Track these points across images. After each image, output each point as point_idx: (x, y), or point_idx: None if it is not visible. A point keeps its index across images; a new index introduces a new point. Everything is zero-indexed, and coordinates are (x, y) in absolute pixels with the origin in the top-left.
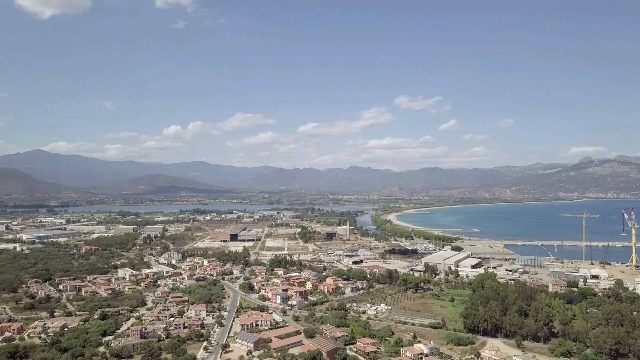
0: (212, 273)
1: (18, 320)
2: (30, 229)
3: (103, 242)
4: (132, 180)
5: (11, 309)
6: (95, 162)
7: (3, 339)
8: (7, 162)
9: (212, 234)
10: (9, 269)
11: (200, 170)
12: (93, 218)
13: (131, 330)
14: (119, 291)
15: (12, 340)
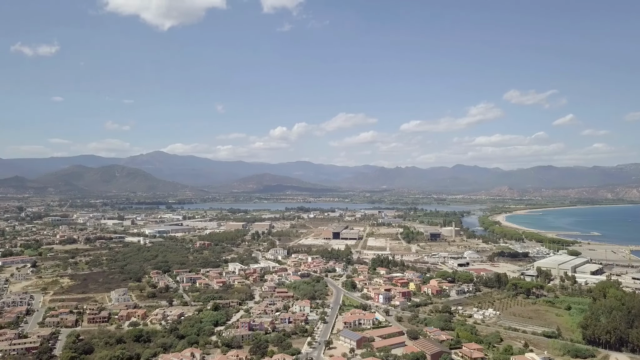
0: (316, 270)
1: (142, 307)
2: (151, 224)
3: (215, 238)
4: (241, 179)
5: (136, 297)
6: (208, 162)
7: (130, 324)
8: (132, 163)
9: (315, 231)
10: (135, 260)
11: (304, 170)
12: (206, 215)
13: (240, 322)
14: (229, 284)
15: (137, 325)
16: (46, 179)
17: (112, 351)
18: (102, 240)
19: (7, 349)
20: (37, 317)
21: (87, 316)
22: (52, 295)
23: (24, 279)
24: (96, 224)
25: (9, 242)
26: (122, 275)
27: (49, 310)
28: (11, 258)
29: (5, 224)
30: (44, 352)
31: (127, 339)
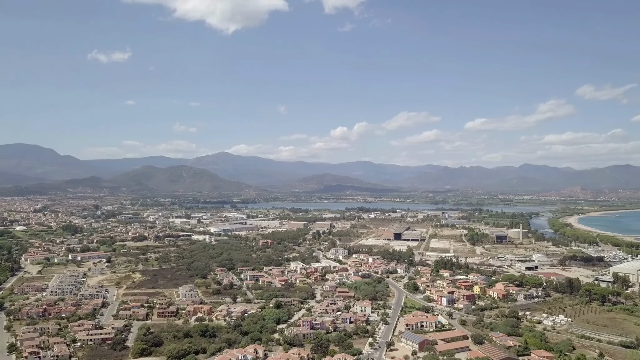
0: (377, 271)
1: (208, 303)
2: (217, 223)
3: (277, 236)
4: (302, 179)
5: (202, 293)
6: (271, 163)
7: (196, 319)
8: (199, 164)
9: (376, 232)
10: (201, 257)
11: (364, 170)
12: (269, 214)
13: (302, 321)
14: (291, 283)
15: (203, 321)
16: (119, 179)
17: (180, 345)
18: (170, 237)
19: (85, 338)
20: (111, 310)
21: (156, 310)
22: (125, 290)
23: (100, 274)
24: (165, 222)
25: (86, 239)
26: (189, 271)
27: (122, 303)
28: (88, 253)
29: (83, 222)
30: (118, 343)
31: (194, 334)
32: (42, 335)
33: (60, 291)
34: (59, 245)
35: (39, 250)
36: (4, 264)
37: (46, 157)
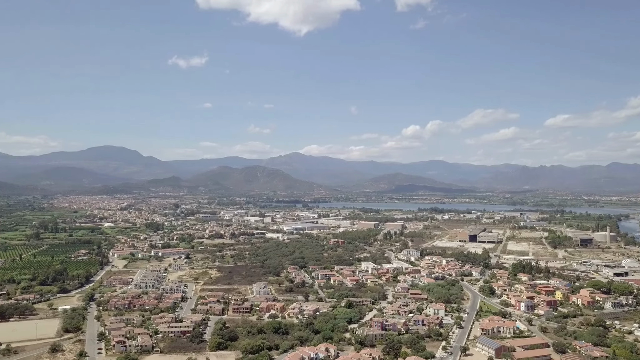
0: (451, 273)
1: (280, 301)
2: (289, 222)
3: (348, 236)
4: (373, 179)
5: (275, 290)
6: (341, 163)
7: (269, 315)
8: (272, 164)
9: (450, 233)
10: (274, 255)
11: (437, 169)
12: (339, 213)
13: (374, 321)
14: (362, 283)
15: (276, 317)
16: (197, 179)
17: (254, 340)
18: (245, 235)
19: (166, 330)
20: (190, 304)
21: (232, 306)
22: (202, 285)
23: (179, 269)
24: (240, 221)
25: (167, 236)
26: (262, 269)
27: (200, 298)
28: (169, 250)
29: (164, 219)
30: (196, 336)
31: (267, 330)
32: (127, 325)
33: (143, 285)
34: (143, 241)
35: (125, 246)
36: (94, 258)
37: (131, 159)
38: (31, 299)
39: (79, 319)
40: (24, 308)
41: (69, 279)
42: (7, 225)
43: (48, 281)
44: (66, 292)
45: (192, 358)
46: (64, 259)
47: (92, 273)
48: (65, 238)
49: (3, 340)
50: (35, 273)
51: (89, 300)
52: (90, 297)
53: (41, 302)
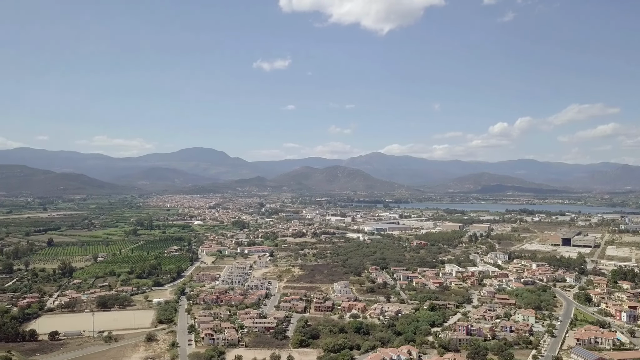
0: (542, 278)
1: (362, 301)
2: (370, 222)
3: (431, 238)
4: (458, 179)
5: (356, 290)
6: (424, 162)
7: (351, 315)
8: (353, 164)
9: (540, 236)
10: (355, 255)
11: (527, 168)
12: (422, 214)
13: (458, 325)
14: (446, 286)
15: (358, 317)
16: (281, 179)
17: (335, 339)
18: (326, 235)
19: (251, 325)
20: (273, 301)
21: (314, 304)
22: (285, 283)
23: (264, 266)
24: (321, 220)
25: (252, 233)
26: (343, 268)
27: (283, 295)
28: (254, 247)
29: (250, 218)
30: (279, 333)
31: (349, 329)
32: (215, 319)
33: (230, 281)
34: (229, 238)
35: (213, 243)
36: (185, 254)
37: (219, 160)
38: (129, 291)
39: (171, 311)
40: (123, 299)
41: (163, 274)
42: (108, 222)
43: (144, 275)
44: (160, 285)
45: (275, 354)
46: (158, 255)
47: (183, 268)
48: (159, 235)
49: (105, 328)
50: (133, 267)
51: (180, 294)
52: (182, 291)
53: (138, 294)
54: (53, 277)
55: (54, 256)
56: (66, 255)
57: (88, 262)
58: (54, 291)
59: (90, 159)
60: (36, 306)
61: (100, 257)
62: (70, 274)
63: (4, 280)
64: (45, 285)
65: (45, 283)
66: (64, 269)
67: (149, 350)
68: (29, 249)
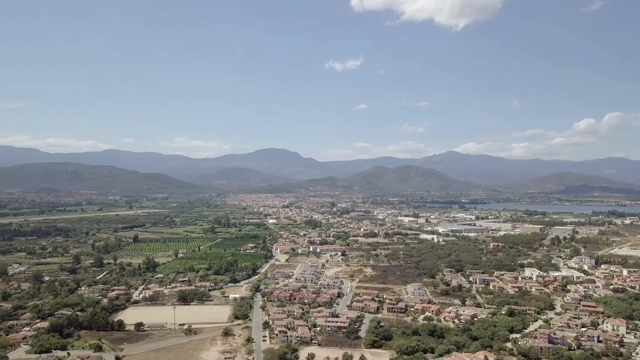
0: (634, 285)
1: (436, 303)
2: (444, 223)
3: (509, 240)
4: (538, 179)
5: (430, 292)
6: (502, 161)
7: (424, 317)
8: (426, 163)
9: (632, 240)
10: (428, 256)
11: (616, 167)
12: (499, 215)
13: (539, 332)
14: (526, 290)
15: (431, 320)
16: (352, 179)
17: (409, 341)
18: (399, 235)
19: (323, 324)
20: (345, 300)
21: (386, 305)
22: (357, 283)
23: (336, 266)
24: (393, 220)
25: (324, 233)
26: (417, 270)
27: (355, 295)
28: (326, 246)
29: (322, 217)
30: (352, 332)
31: (422, 332)
32: (288, 317)
33: (303, 279)
34: (302, 237)
35: (286, 242)
36: (260, 252)
37: (292, 160)
38: (207, 287)
39: (246, 307)
40: (201, 294)
41: (239, 270)
42: (188, 220)
43: (221, 271)
44: (236, 282)
45: (347, 353)
46: (234, 252)
47: (257, 265)
48: (236, 232)
49: (185, 321)
50: (211, 263)
51: (255, 291)
52: (256, 288)
53: (215, 289)
54: (138, 272)
55: (139, 251)
56: (150, 251)
57: (170, 258)
58: (139, 284)
59: (171, 160)
60: (123, 298)
61: (181, 254)
62: (154, 268)
63: (95, 273)
64: (131, 279)
65: (131, 277)
66: (148, 264)
67: (225, 344)
68: (117, 244)
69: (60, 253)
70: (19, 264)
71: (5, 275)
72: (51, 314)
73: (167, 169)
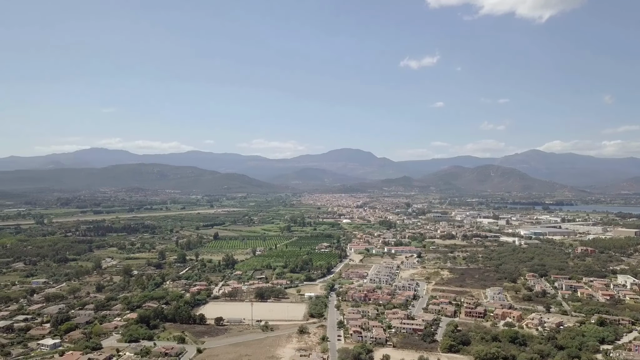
0: None
1: (517, 309)
2: (526, 225)
3: (600, 244)
4: (634, 179)
5: (511, 297)
6: (590, 160)
7: (505, 323)
8: (507, 162)
9: None
10: (509, 260)
11: None
12: (588, 218)
13: (634, 344)
14: (619, 299)
15: (513, 326)
16: (428, 179)
17: (488, 347)
18: (477, 237)
19: (398, 326)
20: (421, 303)
21: (464, 309)
22: (433, 285)
23: (411, 267)
24: (472, 222)
25: (399, 234)
26: (497, 274)
27: (431, 298)
28: (401, 248)
29: (396, 218)
30: (428, 335)
31: (502, 338)
32: (363, 317)
33: (377, 280)
34: (377, 238)
35: (361, 242)
36: (334, 251)
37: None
38: (283, 284)
39: (321, 306)
40: (278, 292)
41: (313, 269)
42: (265, 219)
43: (297, 269)
44: (311, 280)
45: (423, 356)
46: (309, 250)
47: (332, 265)
48: (311, 231)
49: (262, 317)
50: (287, 261)
51: (330, 290)
52: (331, 287)
53: (291, 287)
54: (218, 268)
55: (219, 249)
56: (229, 248)
57: (248, 255)
58: (219, 280)
59: (249, 161)
60: (204, 293)
61: (258, 251)
62: (233, 265)
63: (178, 268)
64: (211, 275)
65: (211, 273)
66: (228, 260)
67: (301, 342)
68: (199, 241)
69: (147, 249)
70: (111, 258)
71: (100, 269)
72: (139, 306)
73: (246, 169)
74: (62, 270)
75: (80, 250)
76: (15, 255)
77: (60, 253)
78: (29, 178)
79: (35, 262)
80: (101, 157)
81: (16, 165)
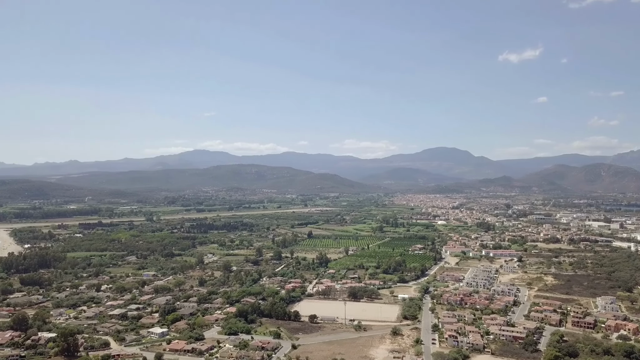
0: None
1: (633, 321)
2: None
3: None
4: None
5: (626, 308)
6: None
7: (618, 336)
8: (621, 161)
9: None
10: (624, 267)
11: None
12: None
13: None
14: None
15: (628, 340)
16: (530, 179)
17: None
18: (586, 242)
19: (497, 332)
20: (522, 310)
21: (570, 318)
22: (536, 291)
23: (511, 272)
24: (580, 225)
25: (498, 236)
26: (608, 282)
27: (534, 305)
28: (500, 251)
29: (495, 219)
30: (530, 344)
31: (616, 352)
32: (459, 321)
33: (474, 284)
34: (474, 240)
35: (457, 244)
36: (428, 253)
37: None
38: (376, 285)
39: (415, 308)
40: (371, 292)
41: (407, 271)
42: (358, 219)
43: (389, 270)
44: (404, 282)
45: None
46: (402, 252)
47: (426, 267)
48: (404, 232)
49: (355, 317)
50: (380, 262)
51: (424, 292)
52: (425, 290)
53: (384, 288)
54: (312, 266)
55: (313, 247)
56: (322, 247)
57: (340, 255)
58: (312, 278)
59: (342, 161)
60: (299, 291)
61: (351, 251)
62: (326, 264)
63: (274, 265)
64: (305, 273)
65: (305, 270)
66: (321, 259)
67: (394, 343)
68: (294, 239)
69: (245, 246)
70: (212, 254)
71: (202, 264)
72: (238, 301)
73: (338, 169)
74: (169, 264)
75: (185, 246)
76: (129, 249)
77: (167, 248)
78: (140, 178)
79: (145, 256)
80: (203, 159)
81: (129, 167)
